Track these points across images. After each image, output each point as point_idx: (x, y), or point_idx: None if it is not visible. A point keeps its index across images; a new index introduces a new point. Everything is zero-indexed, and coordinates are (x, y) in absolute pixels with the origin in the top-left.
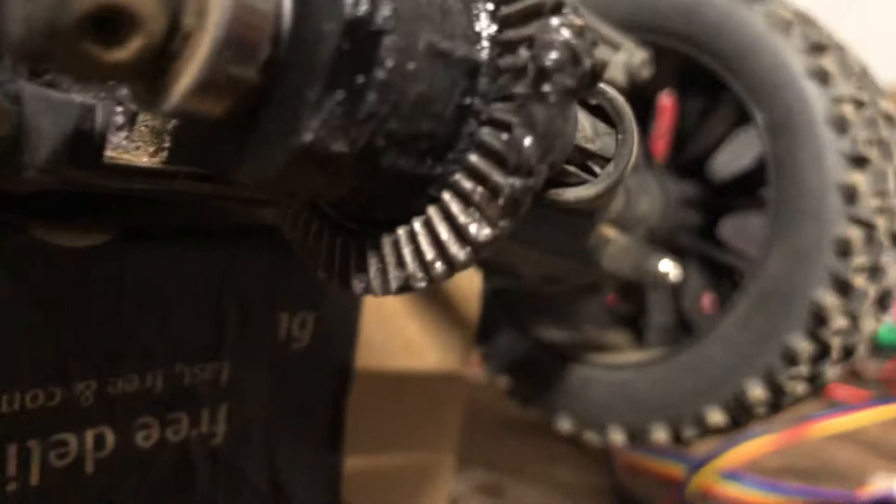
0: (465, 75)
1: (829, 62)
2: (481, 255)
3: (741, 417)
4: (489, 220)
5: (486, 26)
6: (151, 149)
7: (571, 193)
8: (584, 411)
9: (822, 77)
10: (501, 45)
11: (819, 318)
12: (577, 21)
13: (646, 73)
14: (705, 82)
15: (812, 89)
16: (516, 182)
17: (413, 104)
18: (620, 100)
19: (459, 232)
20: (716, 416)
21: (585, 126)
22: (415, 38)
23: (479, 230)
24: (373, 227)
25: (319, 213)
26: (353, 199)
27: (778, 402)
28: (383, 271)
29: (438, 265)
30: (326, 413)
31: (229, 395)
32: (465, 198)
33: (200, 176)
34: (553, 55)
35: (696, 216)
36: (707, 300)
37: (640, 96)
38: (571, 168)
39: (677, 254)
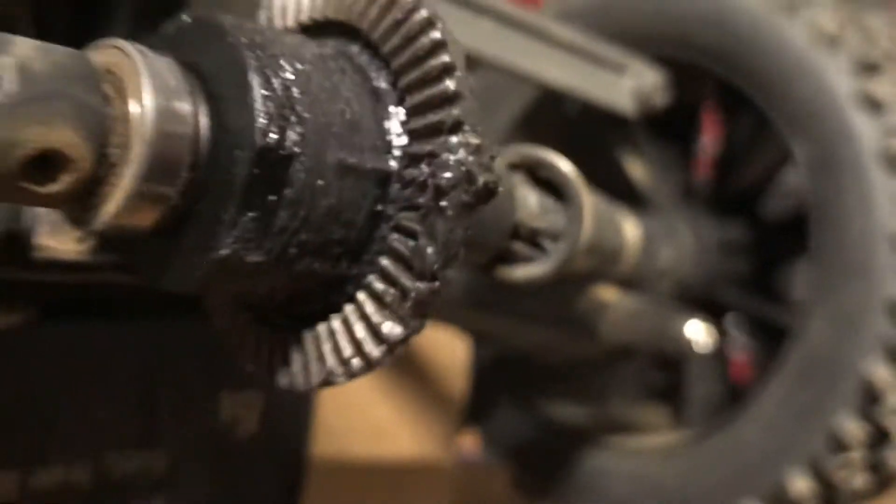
0: (375, 185)
1: (881, 86)
2: (396, 352)
3: None
4: (401, 319)
5: (396, 137)
6: (77, 236)
7: (521, 272)
8: None
9: (873, 104)
10: (409, 157)
11: (870, 395)
12: (474, 140)
13: (659, 98)
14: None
15: (860, 119)
16: (422, 286)
17: (323, 215)
18: (568, 173)
19: (374, 330)
20: None
21: (531, 202)
22: (323, 156)
23: (392, 329)
24: (295, 321)
25: (247, 307)
26: (275, 297)
27: (831, 498)
28: (305, 366)
29: (356, 361)
30: None
31: (165, 489)
32: (378, 298)
33: (124, 267)
34: (447, 175)
35: (742, 264)
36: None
37: (681, 109)
38: (519, 245)
39: (718, 312)
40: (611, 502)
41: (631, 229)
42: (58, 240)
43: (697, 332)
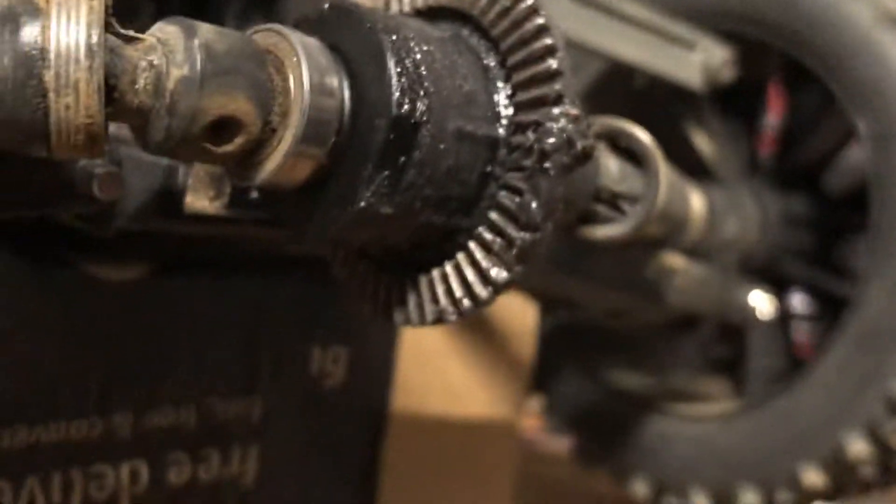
0: (486, 149)
1: None
2: (500, 293)
3: (844, 480)
4: (506, 265)
5: (504, 109)
6: (211, 192)
7: (601, 231)
8: (662, 472)
9: None
10: (515, 126)
11: None
12: (573, 111)
13: (727, 74)
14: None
15: None
16: (526, 236)
17: (444, 175)
18: (646, 142)
19: (483, 274)
20: (812, 477)
21: (612, 168)
22: (445, 124)
23: (499, 273)
24: (412, 269)
25: (366, 255)
26: (397, 245)
27: (888, 461)
28: (420, 306)
29: (466, 301)
30: (361, 459)
31: (261, 434)
32: (487, 247)
33: (262, 222)
34: (551, 140)
35: (806, 237)
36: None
37: (746, 85)
38: (601, 207)
39: (782, 283)
40: (671, 467)
41: (697, 200)
42: (192, 198)
43: (760, 302)
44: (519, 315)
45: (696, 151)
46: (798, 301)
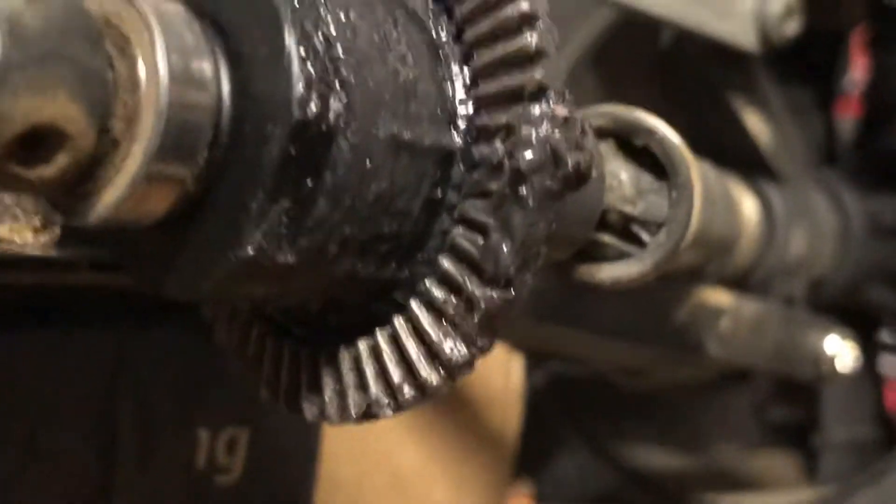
0: (435, 165)
1: None
2: (458, 377)
3: None
4: (465, 337)
5: (461, 106)
6: (37, 222)
7: (608, 272)
8: None
9: None
10: (477, 131)
11: None
12: (561, 111)
13: (792, 27)
14: None
15: None
16: (493, 294)
17: (372, 204)
18: (674, 143)
19: (431, 351)
20: None
21: (623, 181)
22: (373, 131)
23: (454, 350)
24: (328, 336)
25: (262, 316)
26: (304, 304)
27: None
28: (341, 393)
29: (407, 390)
30: None
31: None
32: (436, 309)
33: (107, 266)
34: (529, 155)
35: None
36: None
37: (820, 41)
38: (607, 238)
39: (868, 321)
40: None
41: (749, 208)
42: (10, 228)
43: (840, 349)
44: (498, 370)
45: (747, 136)
46: (892, 344)
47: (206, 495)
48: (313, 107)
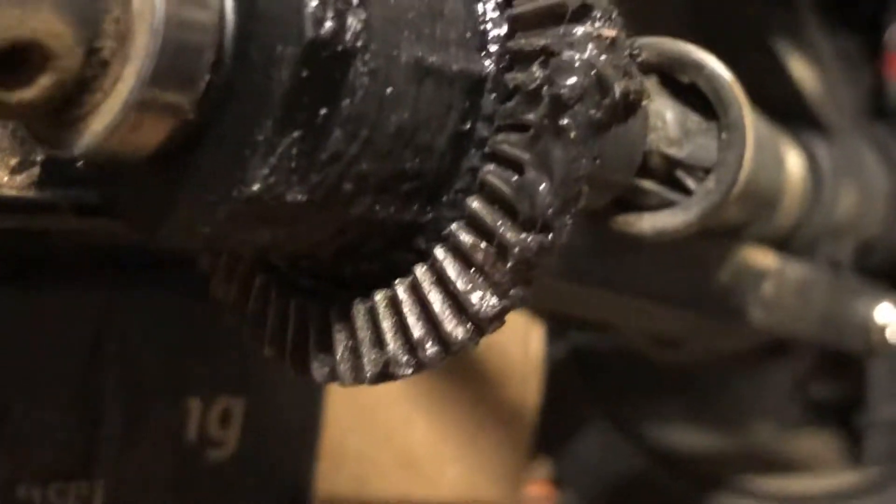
0: (463, 94)
1: None
2: (487, 332)
3: None
4: (496, 286)
5: (493, 26)
6: (13, 160)
7: (650, 221)
8: None
9: None
10: (512, 55)
11: None
12: (608, 32)
13: None
14: None
15: None
16: (529, 239)
17: (392, 137)
18: (725, 78)
19: (457, 302)
20: None
21: (668, 121)
22: (395, 54)
23: (484, 300)
24: (340, 289)
25: (266, 266)
26: (314, 252)
27: None
28: (355, 351)
29: (429, 346)
30: None
31: None
32: (463, 256)
33: (92, 209)
34: (571, 80)
35: None
36: None
37: None
38: (649, 184)
39: None
40: None
41: (795, 162)
42: None
43: (893, 318)
44: (515, 341)
45: (791, 84)
46: None
47: (198, 471)
48: (328, 24)
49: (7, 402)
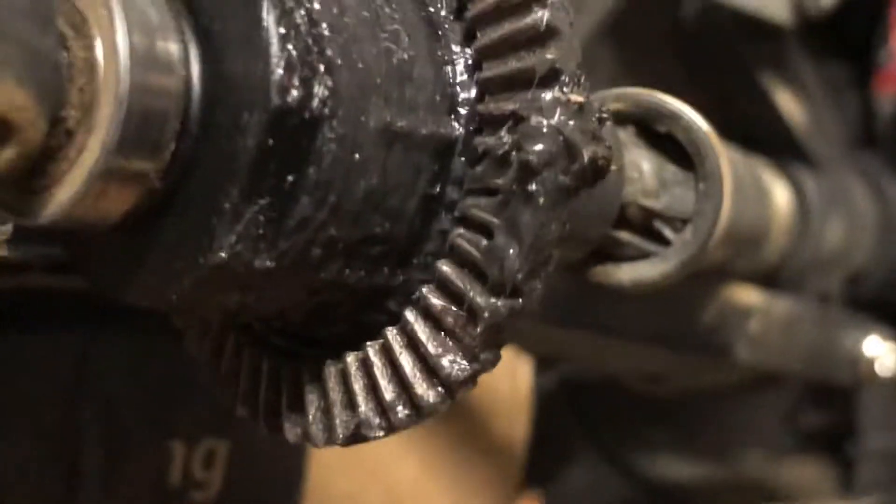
0: (433, 157)
1: None
2: (457, 395)
3: None
4: (466, 350)
5: (462, 90)
6: None
7: (628, 273)
8: None
9: None
10: (481, 119)
11: None
12: (576, 97)
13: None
14: None
15: None
16: (499, 304)
17: (361, 202)
18: (701, 127)
19: (428, 365)
20: None
21: (645, 172)
22: (362, 119)
23: (454, 364)
24: (312, 348)
25: (239, 325)
26: (285, 314)
27: None
28: (327, 412)
29: (400, 409)
30: None
31: None
32: (434, 319)
33: (61, 267)
34: (539, 146)
35: None
36: None
37: (855, 11)
38: (626, 235)
39: None
40: None
41: (781, 197)
42: None
43: (881, 351)
44: (504, 374)
45: (778, 117)
46: None
47: None
48: (294, 92)
49: None
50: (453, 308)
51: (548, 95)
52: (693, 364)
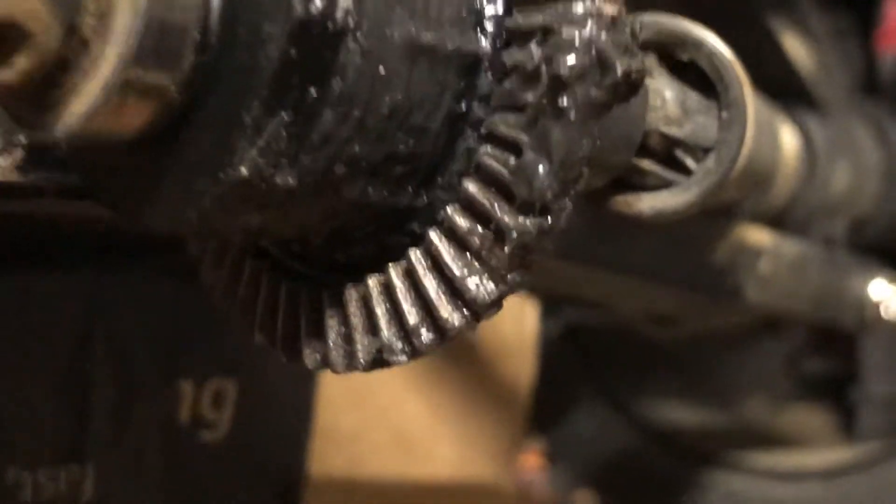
0: (459, 73)
1: None
2: (483, 318)
3: None
4: (493, 272)
5: (489, 4)
6: None
7: (649, 202)
8: None
9: None
10: (508, 33)
11: None
12: (609, 8)
13: None
14: None
15: None
16: (527, 223)
17: (385, 118)
18: (725, 57)
19: (453, 287)
20: None
21: (668, 100)
22: (387, 32)
23: (480, 286)
24: (332, 273)
25: (256, 251)
26: (305, 236)
27: None
28: (347, 338)
29: (424, 333)
30: None
31: None
32: (459, 240)
33: (75, 192)
34: (571, 60)
35: None
36: None
37: None
38: (648, 164)
39: None
40: None
41: (790, 140)
42: None
43: (887, 294)
44: (510, 318)
45: (785, 61)
46: None
47: (191, 452)
48: (318, 2)
49: None
50: (479, 228)
51: (579, 7)
52: (703, 304)
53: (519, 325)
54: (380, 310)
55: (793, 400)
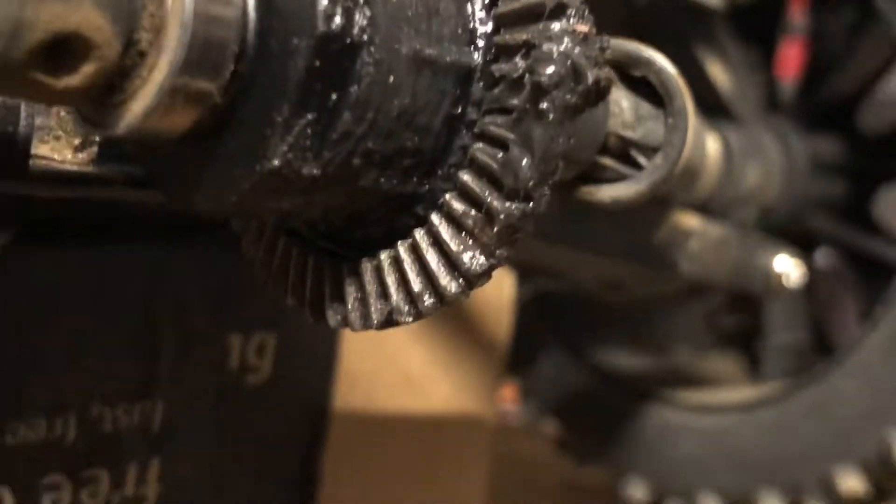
0: (455, 82)
1: None
2: (475, 286)
3: (890, 485)
4: (484, 248)
5: (481, 24)
6: (77, 141)
7: (608, 192)
8: (665, 472)
9: None
10: (498, 48)
11: None
12: (581, 27)
13: None
14: None
15: None
16: (513, 207)
17: (394, 119)
18: (671, 73)
19: (450, 261)
20: (851, 482)
21: (624, 108)
22: (396, 47)
23: (473, 260)
24: (350, 248)
25: (288, 230)
26: (328, 218)
27: None
28: (364, 302)
29: (427, 298)
30: (294, 468)
31: (163, 446)
32: (456, 222)
33: (139, 182)
34: (549, 70)
35: (838, 186)
36: (854, 310)
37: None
38: (608, 161)
39: (809, 243)
40: (676, 465)
41: (713, 144)
42: (51, 147)
43: (788, 267)
44: (492, 285)
45: (709, 83)
46: (825, 263)
47: (239, 392)
48: (338, 20)
49: (83, 339)
50: (473, 211)
51: (557, 26)
52: (647, 274)
53: (499, 290)
54: (390, 279)
55: (713, 348)
